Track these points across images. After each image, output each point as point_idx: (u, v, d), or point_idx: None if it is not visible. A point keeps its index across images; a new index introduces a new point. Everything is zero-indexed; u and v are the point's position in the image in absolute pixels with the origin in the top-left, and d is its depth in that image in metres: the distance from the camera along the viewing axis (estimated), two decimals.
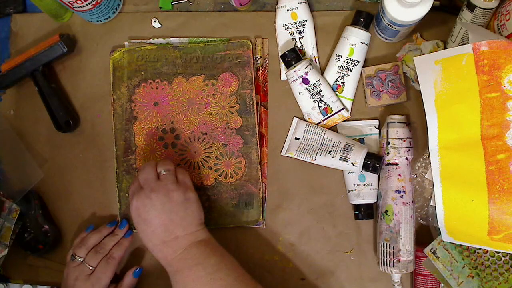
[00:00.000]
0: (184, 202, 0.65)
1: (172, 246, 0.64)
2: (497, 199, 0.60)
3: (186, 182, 0.68)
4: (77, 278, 0.69)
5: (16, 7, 0.82)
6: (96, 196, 0.78)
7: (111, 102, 0.77)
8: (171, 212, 0.64)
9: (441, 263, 0.67)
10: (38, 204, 0.77)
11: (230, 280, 0.62)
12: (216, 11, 0.79)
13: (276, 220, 0.75)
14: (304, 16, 0.74)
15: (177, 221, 0.64)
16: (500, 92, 0.59)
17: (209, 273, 0.62)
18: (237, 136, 0.75)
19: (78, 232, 0.77)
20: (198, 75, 0.77)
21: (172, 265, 0.64)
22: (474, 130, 0.61)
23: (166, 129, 0.77)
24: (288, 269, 0.75)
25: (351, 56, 0.72)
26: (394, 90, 0.73)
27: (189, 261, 0.63)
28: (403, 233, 0.68)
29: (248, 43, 0.76)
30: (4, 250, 0.71)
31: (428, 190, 0.72)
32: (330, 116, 0.74)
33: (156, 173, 0.67)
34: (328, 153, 0.71)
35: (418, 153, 0.73)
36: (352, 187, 0.72)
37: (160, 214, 0.64)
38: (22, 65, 0.76)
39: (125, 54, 0.77)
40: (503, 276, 0.64)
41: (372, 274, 0.73)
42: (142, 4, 0.80)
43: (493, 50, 0.59)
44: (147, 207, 0.64)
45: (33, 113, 0.80)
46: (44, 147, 0.79)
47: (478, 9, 0.64)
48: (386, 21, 0.68)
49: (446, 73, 0.63)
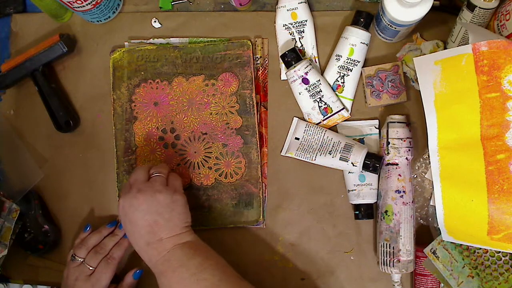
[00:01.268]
0: (170, 204, 0.65)
1: (157, 248, 0.63)
2: (497, 199, 0.60)
3: (175, 185, 0.67)
4: (77, 278, 0.69)
5: (16, 7, 0.82)
6: (96, 196, 0.78)
7: (111, 102, 0.77)
8: (156, 214, 0.64)
9: (441, 263, 0.67)
10: (38, 204, 0.77)
11: (215, 280, 0.62)
12: (216, 11, 0.79)
13: (276, 220, 0.75)
14: (304, 16, 0.75)
15: (162, 223, 0.64)
16: (500, 92, 0.59)
17: (193, 274, 0.61)
18: (237, 136, 0.75)
19: (78, 232, 0.77)
20: (198, 75, 0.77)
21: (157, 267, 0.63)
22: (474, 130, 0.61)
23: (166, 129, 0.77)
24: (288, 269, 0.75)
25: (351, 56, 0.72)
26: (394, 90, 0.73)
27: (173, 263, 0.62)
28: (403, 233, 0.68)
29: (248, 43, 0.76)
30: (4, 250, 0.71)
31: (428, 190, 0.72)
32: (330, 116, 0.74)
33: (147, 175, 0.67)
34: (328, 153, 0.71)
35: (418, 153, 0.73)
36: (352, 187, 0.72)
37: (145, 215, 0.64)
38: (22, 65, 0.76)
39: (125, 54, 0.77)
40: (503, 276, 0.64)
41: (372, 274, 0.73)
42: (142, 4, 0.80)
43: (492, 50, 0.59)
44: (132, 208, 0.64)
45: (33, 113, 0.80)
46: (44, 147, 0.79)
47: (478, 9, 0.64)
48: (386, 21, 0.68)
49: (445, 73, 0.63)
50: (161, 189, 0.65)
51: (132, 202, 0.64)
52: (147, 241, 0.64)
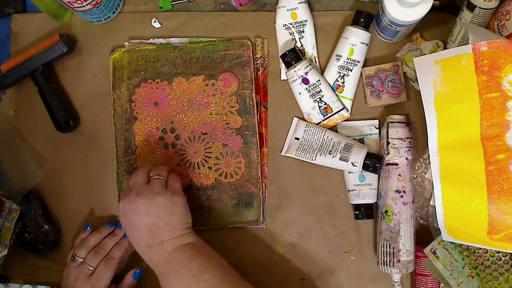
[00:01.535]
0: (170, 206, 0.64)
1: (158, 250, 0.64)
2: (497, 199, 0.60)
3: (175, 187, 0.67)
4: (77, 278, 0.69)
5: (16, 7, 0.82)
6: (96, 196, 0.78)
7: (111, 102, 0.77)
8: (156, 217, 0.64)
9: (441, 263, 0.67)
10: (38, 204, 0.77)
11: (216, 281, 0.62)
12: (216, 11, 0.79)
13: (276, 220, 0.75)
14: (304, 16, 0.74)
15: (162, 225, 0.64)
16: (500, 92, 0.59)
17: (194, 276, 0.62)
18: (237, 136, 0.75)
19: (78, 232, 0.77)
20: (198, 75, 0.77)
21: (158, 268, 0.64)
22: (474, 130, 0.61)
23: (166, 129, 0.77)
24: (288, 269, 0.75)
25: (351, 56, 0.72)
26: (394, 90, 0.73)
27: (174, 265, 0.63)
28: (403, 233, 0.68)
29: (248, 43, 0.76)
30: (4, 250, 0.71)
31: (428, 190, 0.72)
32: (330, 116, 0.74)
33: (146, 178, 0.67)
34: (328, 153, 0.71)
35: (418, 153, 0.73)
36: (352, 187, 0.72)
37: (145, 218, 0.64)
38: (22, 65, 0.76)
39: (125, 54, 0.77)
40: (503, 276, 0.64)
41: (372, 274, 0.73)
42: (142, 4, 0.80)
43: (492, 50, 0.59)
44: (132, 211, 0.64)
45: (33, 113, 0.80)
46: (44, 147, 0.79)
47: (478, 9, 0.64)
48: (386, 21, 0.68)
49: (445, 73, 0.63)
50: (160, 192, 0.65)
51: (132, 206, 0.64)
52: (148, 244, 0.64)
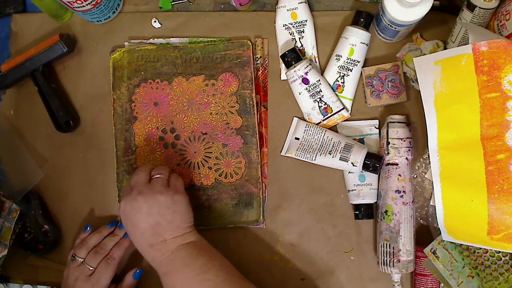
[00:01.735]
0: (172, 205, 0.64)
1: (160, 249, 0.63)
2: (497, 199, 0.60)
3: (177, 186, 0.67)
4: (77, 278, 0.69)
5: (16, 7, 0.82)
6: (96, 196, 0.78)
7: (111, 102, 0.77)
8: (158, 215, 0.63)
9: (441, 263, 0.67)
10: (38, 204, 0.77)
11: (219, 280, 0.62)
12: (216, 11, 0.79)
13: (276, 220, 0.75)
14: (304, 16, 0.75)
15: (164, 224, 0.64)
16: (500, 92, 0.59)
17: (196, 275, 0.62)
18: (237, 136, 0.75)
19: (78, 232, 0.77)
20: (198, 75, 0.77)
21: (161, 267, 0.63)
22: (474, 130, 0.61)
23: (166, 129, 0.77)
24: (288, 269, 0.75)
25: (351, 56, 0.72)
26: (394, 90, 0.73)
27: (177, 263, 0.63)
28: (403, 233, 0.68)
29: (248, 43, 0.76)
30: (4, 250, 0.71)
31: (428, 190, 0.72)
32: (330, 116, 0.74)
33: (148, 177, 0.67)
34: (328, 153, 0.71)
35: (418, 153, 0.73)
36: (352, 187, 0.72)
37: (146, 217, 0.63)
38: (22, 65, 0.76)
39: (125, 54, 0.77)
40: (503, 276, 0.64)
41: (372, 274, 0.73)
42: (142, 4, 0.80)
43: (492, 50, 0.59)
44: (134, 210, 0.64)
45: (33, 113, 0.80)
46: (44, 147, 0.79)
47: (478, 9, 0.64)
48: (386, 21, 0.68)
49: (445, 73, 0.63)
50: (162, 191, 0.64)
51: (133, 205, 0.64)
52: (150, 243, 0.64)
